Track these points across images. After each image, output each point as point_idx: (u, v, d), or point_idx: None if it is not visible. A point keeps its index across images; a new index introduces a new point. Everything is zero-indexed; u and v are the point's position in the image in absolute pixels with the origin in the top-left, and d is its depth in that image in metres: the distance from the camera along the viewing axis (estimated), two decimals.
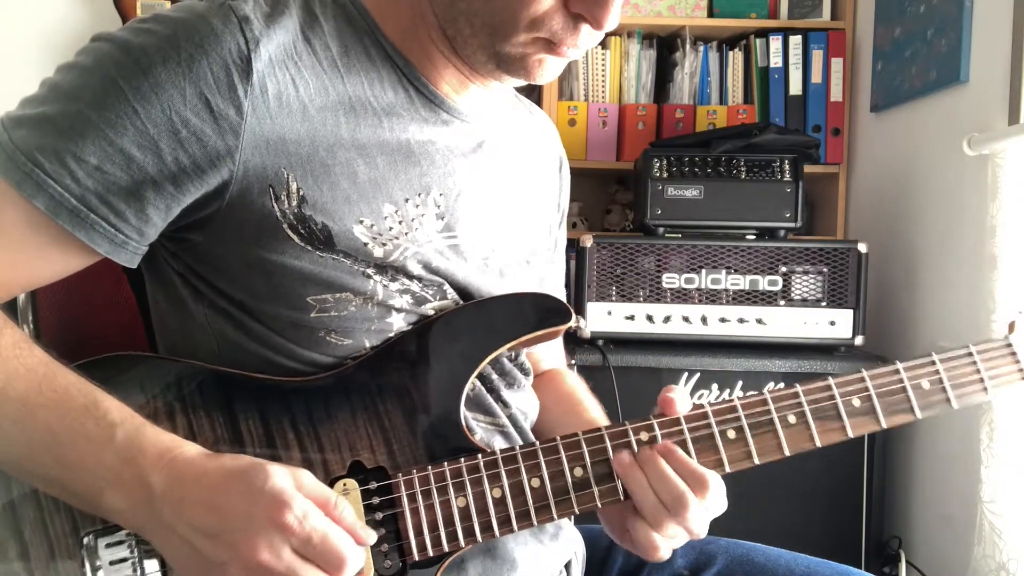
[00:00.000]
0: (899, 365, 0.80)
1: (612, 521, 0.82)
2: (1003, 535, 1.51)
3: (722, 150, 1.94)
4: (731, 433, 0.77)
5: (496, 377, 0.85)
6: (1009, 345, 0.84)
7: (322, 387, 0.76)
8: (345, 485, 0.72)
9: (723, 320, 1.85)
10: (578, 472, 0.75)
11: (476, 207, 0.84)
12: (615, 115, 2.30)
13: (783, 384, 1.79)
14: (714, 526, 0.89)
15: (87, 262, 0.74)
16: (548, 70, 0.79)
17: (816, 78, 2.25)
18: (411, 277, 0.78)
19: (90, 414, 0.67)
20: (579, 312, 1.84)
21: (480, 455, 0.75)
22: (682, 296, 1.85)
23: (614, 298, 1.86)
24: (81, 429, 0.66)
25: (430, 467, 0.74)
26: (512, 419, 0.85)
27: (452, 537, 0.73)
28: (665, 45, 2.38)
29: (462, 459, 0.74)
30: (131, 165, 0.69)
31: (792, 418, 0.78)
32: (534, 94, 2.42)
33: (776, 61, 2.25)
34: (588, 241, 1.85)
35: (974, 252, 1.66)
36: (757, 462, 0.77)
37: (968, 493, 1.63)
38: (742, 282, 1.84)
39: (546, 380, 1.00)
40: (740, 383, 1.81)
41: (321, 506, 0.65)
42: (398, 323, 0.79)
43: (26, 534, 0.71)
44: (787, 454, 0.78)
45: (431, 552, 0.72)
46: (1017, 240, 1.52)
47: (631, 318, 1.85)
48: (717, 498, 0.75)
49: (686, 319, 1.85)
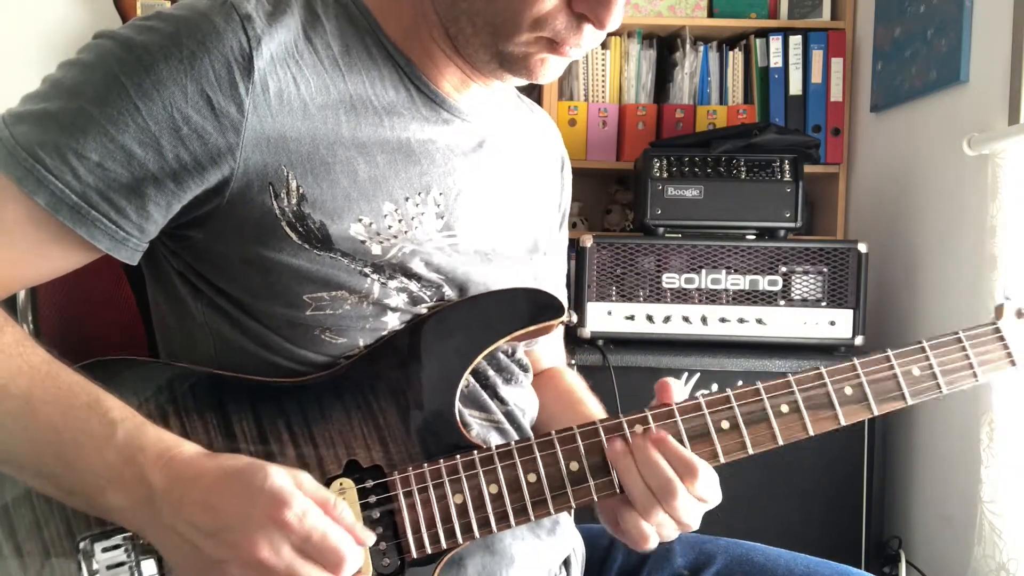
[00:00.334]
0: (889, 352, 0.81)
1: (607, 513, 0.82)
2: (1003, 535, 1.51)
3: (722, 150, 1.94)
4: (725, 424, 0.78)
5: (492, 373, 0.84)
6: (997, 330, 0.84)
7: (316, 387, 0.76)
8: (341, 484, 0.72)
9: (723, 320, 1.85)
10: (574, 466, 0.75)
11: (476, 206, 0.84)
12: (615, 115, 2.30)
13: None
14: (714, 526, 0.89)
15: (88, 259, 0.74)
16: (550, 70, 0.79)
17: (816, 78, 2.25)
18: (410, 276, 0.78)
19: (92, 412, 0.67)
20: (579, 312, 1.84)
21: (476, 451, 0.75)
22: (682, 296, 1.85)
23: (614, 298, 1.86)
24: (84, 427, 0.66)
25: (426, 464, 0.74)
26: (509, 415, 0.85)
27: (450, 534, 0.73)
28: (665, 45, 2.38)
29: (458, 456, 0.74)
30: (132, 162, 0.69)
31: (785, 407, 0.79)
32: (534, 94, 2.42)
33: (776, 61, 2.25)
34: (588, 241, 1.85)
35: (974, 252, 1.66)
36: (751, 452, 0.78)
37: (968, 493, 1.63)
38: (742, 282, 1.84)
39: (545, 378, 1.00)
40: (740, 383, 1.79)
41: (320, 506, 0.65)
42: (393, 323, 0.79)
43: (21, 540, 0.70)
44: (780, 443, 0.78)
45: (429, 550, 0.72)
46: (1017, 240, 1.52)
47: (631, 318, 1.85)
48: (708, 488, 0.75)
49: (686, 319, 1.85)
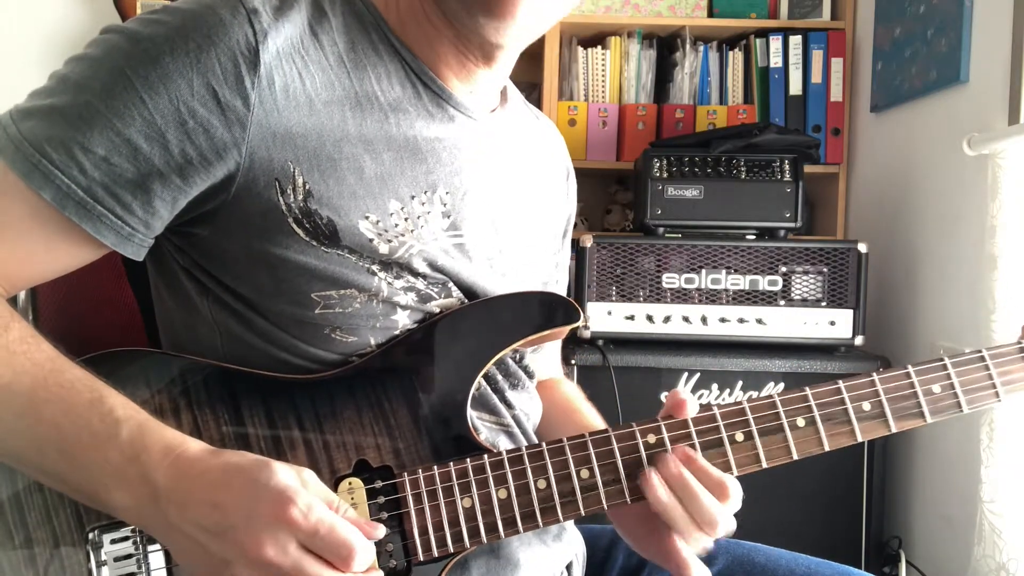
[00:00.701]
0: (910, 369, 0.79)
1: (633, 530, 0.82)
2: (1003, 535, 1.51)
3: (722, 150, 1.94)
4: (739, 436, 0.76)
5: (501, 378, 0.84)
6: (1022, 349, 0.81)
7: (328, 385, 0.76)
8: (350, 484, 0.72)
9: (723, 320, 1.85)
10: (584, 474, 0.74)
11: (482, 207, 0.84)
12: (615, 115, 2.30)
13: (783, 384, 1.81)
14: None
15: (94, 255, 0.74)
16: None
17: (816, 78, 2.25)
18: (416, 275, 0.78)
19: (95, 410, 0.66)
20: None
21: (486, 455, 0.74)
22: (682, 296, 1.85)
23: (614, 298, 1.86)
24: (86, 425, 0.66)
25: (436, 467, 0.73)
26: (516, 419, 0.85)
27: (457, 538, 0.72)
28: (665, 45, 2.38)
29: (468, 459, 0.74)
30: (138, 156, 0.69)
31: (801, 422, 0.77)
32: (534, 93, 2.42)
33: (776, 61, 2.25)
34: (588, 241, 1.85)
35: (974, 252, 1.66)
36: (765, 465, 0.76)
37: (968, 493, 1.63)
38: (742, 282, 1.84)
39: (543, 390, 1.00)
40: (740, 383, 1.81)
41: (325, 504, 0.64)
42: (403, 320, 0.78)
43: (32, 530, 0.71)
44: (795, 457, 0.77)
45: (436, 552, 0.72)
46: (1017, 240, 1.52)
47: (631, 318, 1.85)
48: (738, 500, 0.75)
49: (686, 319, 1.85)
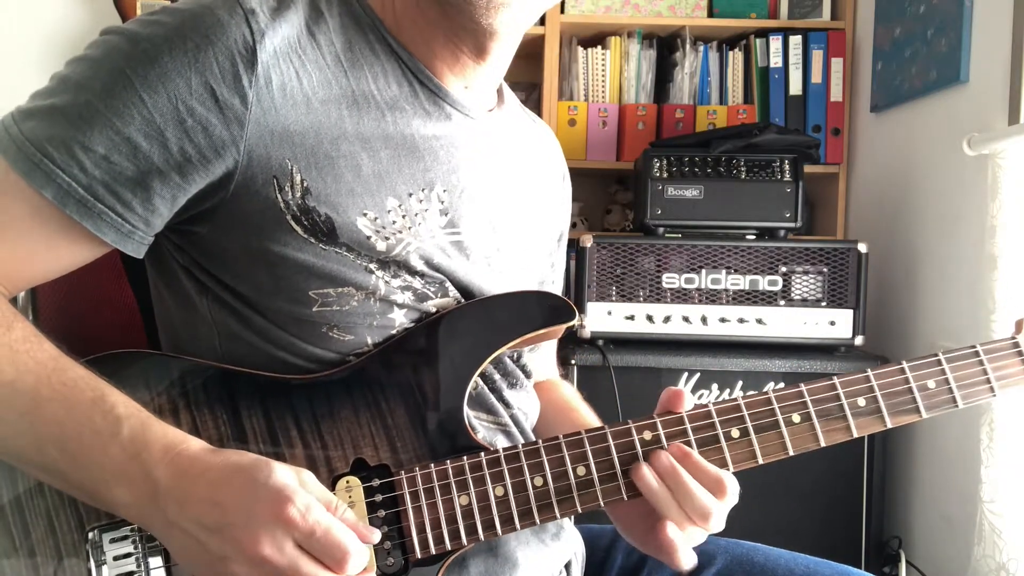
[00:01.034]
0: (904, 364, 0.80)
1: (633, 527, 0.83)
2: (1003, 535, 1.51)
3: (722, 150, 1.94)
4: (735, 433, 0.77)
5: (499, 376, 0.85)
6: (1016, 345, 0.82)
7: (325, 384, 0.76)
8: (348, 482, 0.72)
9: (723, 320, 1.85)
10: (581, 471, 0.75)
11: (480, 205, 0.84)
12: (615, 115, 2.30)
13: (783, 384, 1.80)
14: None
15: (96, 253, 0.74)
16: None
17: (816, 78, 2.25)
18: (413, 273, 0.79)
19: (97, 408, 0.67)
20: (579, 312, 1.84)
21: (483, 453, 0.75)
22: (682, 296, 1.85)
23: (614, 298, 1.86)
24: (88, 423, 0.66)
25: (433, 465, 0.74)
26: (514, 418, 0.85)
27: (454, 535, 0.72)
28: (665, 45, 2.38)
29: (465, 457, 0.74)
30: (137, 154, 0.70)
31: (796, 418, 0.77)
32: (534, 94, 2.42)
33: (776, 61, 2.26)
34: (588, 241, 1.85)
35: (974, 252, 1.67)
36: (761, 462, 0.77)
37: (968, 493, 1.63)
38: (742, 282, 1.85)
39: (538, 390, 1.00)
40: (740, 383, 1.81)
41: (323, 505, 0.65)
42: (400, 319, 0.79)
43: (32, 528, 0.71)
44: (791, 454, 0.77)
45: (433, 550, 0.72)
46: (1017, 240, 1.52)
47: (631, 318, 1.85)
48: (734, 495, 0.75)
49: (686, 319, 1.85)
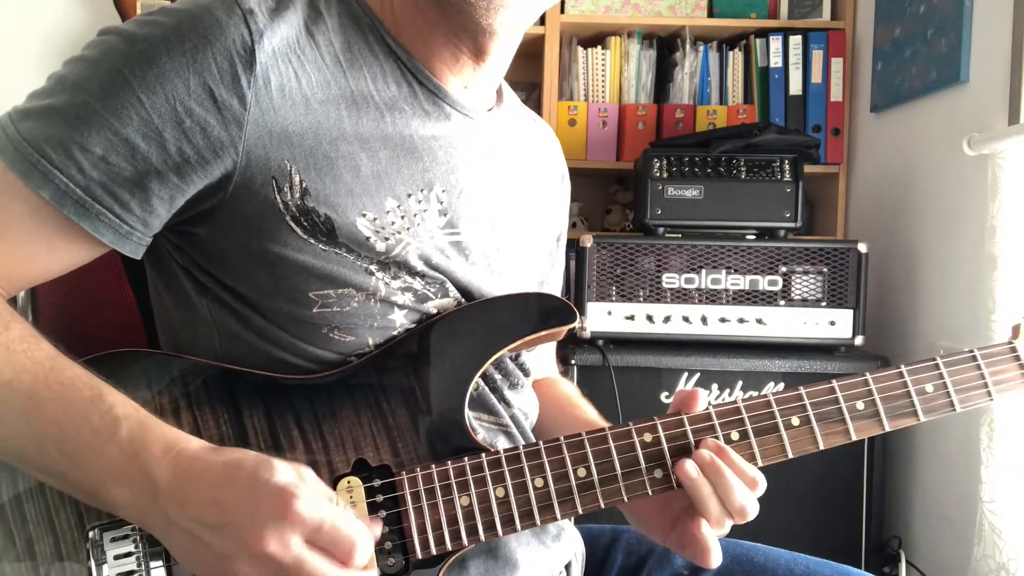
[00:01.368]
0: (903, 368, 0.80)
1: (652, 522, 0.83)
2: (1003, 535, 1.51)
3: (722, 150, 1.94)
4: (735, 435, 0.77)
5: (499, 377, 0.85)
6: (1014, 349, 0.83)
7: (327, 385, 0.76)
8: (349, 483, 0.72)
9: (723, 320, 1.85)
10: (581, 472, 0.75)
11: (479, 205, 0.84)
12: (615, 115, 2.30)
13: (783, 384, 1.81)
14: None
15: (93, 254, 0.74)
16: None
17: (816, 78, 2.25)
18: (413, 274, 0.79)
19: (95, 408, 0.66)
20: (579, 312, 1.84)
21: (484, 454, 0.75)
22: (682, 296, 1.85)
23: (614, 298, 1.86)
24: (86, 423, 0.66)
25: (434, 466, 0.74)
26: (514, 419, 0.85)
27: (455, 536, 0.73)
28: (665, 45, 2.38)
29: (465, 458, 0.74)
30: (136, 155, 0.70)
31: (796, 420, 0.78)
32: (534, 94, 2.42)
33: (776, 61, 2.26)
34: (588, 241, 1.85)
35: (974, 252, 1.67)
36: (760, 464, 0.77)
37: (968, 493, 1.63)
38: (742, 282, 1.85)
39: (539, 388, 1.00)
40: (740, 383, 1.81)
41: None
42: (400, 320, 0.79)
43: (32, 528, 0.71)
44: (790, 456, 0.78)
45: (434, 551, 0.72)
46: (1017, 240, 1.52)
47: (631, 318, 1.85)
48: (763, 488, 0.77)
49: (686, 319, 1.85)
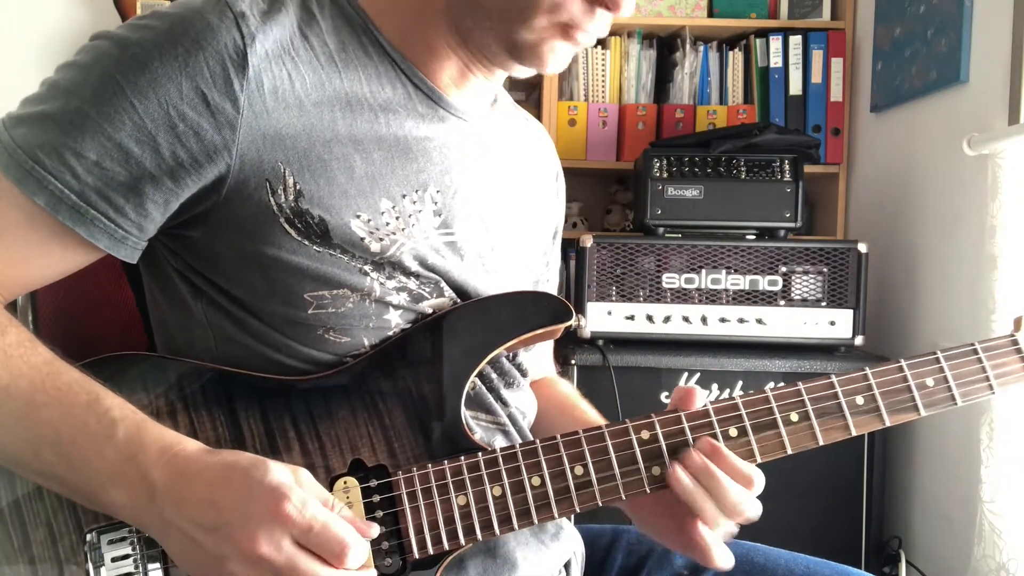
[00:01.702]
0: (903, 362, 0.80)
1: (656, 523, 0.83)
2: (1003, 535, 1.51)
3: (722, 150, 1.94)
4: (733, 432, 0.77)
5: (496, 376, 0.85)
6: (1015, 342, 0.82)
7: (323, 385, 0.76)
8: (346, 483, 0.72)
9: (723, 320, 1.85)
10: (578, 470, 0.75)
11: (473, 205, 0.84)
12: (615, 115, 2.30)
13: (783, 384, 1.80)
14: None
15: (89, 259, 0.74)
16: (560, 58, 0.80)
17: (816, 78, 2.25)
18: (408, 274, 0.79)
19: (92, 411, 0.67)
20: (579, 312, 1.84)
21: (480, 453, 0.75)
22: (682, 296, 1.85)
23: (614, 298, 1.86)
24: (83, 426, 0.66)
25: (430, 465, 0.74)
26: (511, 418, 0.85)
27: (452, 536, 0.72)
28: (665, 45, 2.38)
29: (462, 457, 0.74)
30: (129, 160, 0.70)
31: (795, 416, 0.78)
32: (534, 94, 2.42)
33: (776, 61, 2.25)
34: (588, 241, 1.85)
35: (974, 252, 1.66)
36: (760, 460, 0.77)
37: (968, 493, 1.63)
38: (742, 282, 1.85)
39: (538, 388, 1.00)
40: (740, 383, 1.81)
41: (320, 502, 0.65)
42: (396, 320, 0.79)
43: (30, 530, 0.71)
44: (789, 452, 0.77)
45: (431, 551, 0.72)
46: (1017, 240, 1.52)
47: (631, 318, 1.85)
48: (760, 486, 0.76)
49: (686, 319, 1.85)
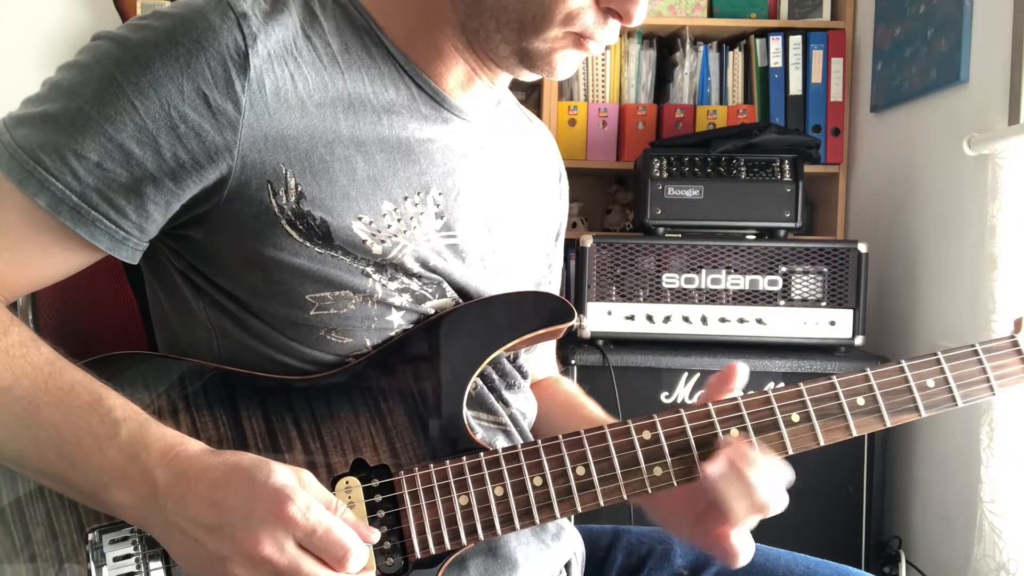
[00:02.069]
0: (903, 363, 0.80)
1: (675, 515, 0.82)
2: (1003, 535, 1.51)
3: (722, 150, 1.94)
4: (734, 432, 0.77)
5: (497, 377, 0.85)
6: (1015, 343, 0.82)
7: (325, 385, 0.76)
8: (348, 483, 0.72)
9: (723, 320, 1.85)
10: (580, 471, 0.75)
11: (475, 207, 0.84)
12: (615, 115, 2.30)
13: (783, 384, 1.80)
14: None
15: (90, 260, 0.74)
16: (569, 65, 0.80)
17: (816, 78, 2.25)
18: (410, 275, 0.79)
19: (94, 411, 0.67)
20: (579, 312, 1.84)
21: (482, 453, 0.75)
22: (682, 296, 1.85)
23: (614, 298, 1.86)
24: (85, 426, 0.66)
25: (432, 465, 0.74)
26: (512, 418, 0.85)
27: (454, 535, 0.73)
28: (665, 45, 2.38)
29: (464, 457, 0.74)
30: (131, 161, 0.70)
31: (796, 417, 0.78)
32: (534, 94, 2.42)
33: (776, 61, 2.25)
34: (588, 241, 1.85)
35: (974, 252, 1.66)
36: None
37: (968, 493, 1.63)
38: (742, 282, 1.85)
39: (543, 388, 1.00)
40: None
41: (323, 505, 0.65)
42: (398, 321, 0.79)
43: (32, 530, 0.71)
44: (791, 453, 0.77)
45: (433, 550, 0.72)
46: (1017, 240, 1.52)
47: (631, 318, 1.85)
48: (788, 481, 0.76)
49: (686, 319, 1.85)
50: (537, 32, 0.76)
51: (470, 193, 0.84)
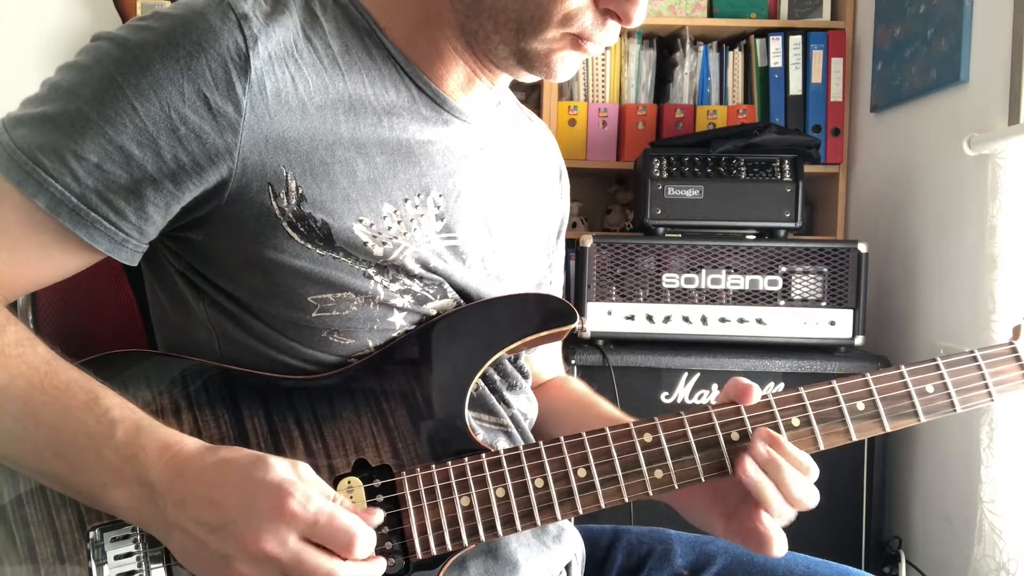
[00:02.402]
0: (903, 369, 0.80)
1: (706, 509, 0.82)
2: (1003, 535, 1.51)
3: (722, 150, 1.94)
4: (735, 436, 0.77)
5: (498, 378, 0.85)
6: (1014, 350, 0.83)
7: (327, 386, 0.76)
8: (349, 483, 0.72)
9: (723, 320, 1.85)
10: (582, 472, 0.75)
11: (476, 209, 0.84)
12: (615, 115, 2.30)
13: (783, 384, 1.81)
14: None
15: (89, 261, 0.74)
16: (568, 67, 0.80)
17: (816, 78, 2.25)
18: (411, 277, 0.79)
19: (91, 411, 0.66)
20: (579, 312, 1.84)
21: (484, 454, 0.75)
22: (682, 296, 1.85)
23: (614, 298, 1.86)
24: (82, 427, 0.66)
25: (434, 466, 0.74)
26: (514, 419, 0.85)
27: (455, 536, 0.73)
28: (665, 45, 2.38)
29: (466, 458, 0.74)
30: (130, 163, 0.69)
31: (796, 421, 0.78)
32: (534, 94, 2.42)
33: (776, 61, 2.25)
34: (588, 241, 1.85)
35: (974, 252, 1.67)
36: None
37: (968, 493, 1.63)
38: (742, 282, 1.85)
39: (553, 387, 1.00)
40: None
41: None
42: (400, 322, 0.79)
43: (32, 529, 0.71)
44: None
45: (434, 551, 0.72)
46: (1017, 240, 1.52)
47: (631, 318, 1.85)
48: (816, 474, 0.76)
49: (686, 319, 1.85)
50: (535, 33, 0.76)
51: (470, 194, 0.84)
